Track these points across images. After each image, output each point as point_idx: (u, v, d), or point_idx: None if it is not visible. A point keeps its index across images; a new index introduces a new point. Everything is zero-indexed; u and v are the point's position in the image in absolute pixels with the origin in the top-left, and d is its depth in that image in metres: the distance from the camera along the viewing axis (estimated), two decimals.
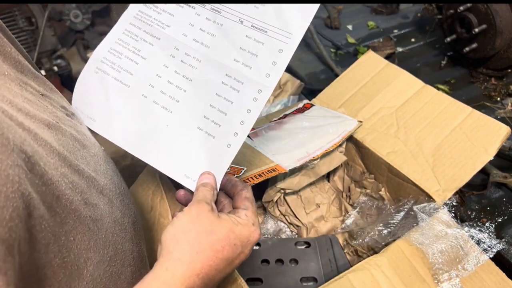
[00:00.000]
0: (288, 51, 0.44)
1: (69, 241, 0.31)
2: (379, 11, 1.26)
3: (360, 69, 0.78)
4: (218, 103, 0.45)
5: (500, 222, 0.65)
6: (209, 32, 0.47)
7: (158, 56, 0.49)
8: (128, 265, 0.40)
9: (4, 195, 0.23)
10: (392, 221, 0.59)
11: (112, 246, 0.38)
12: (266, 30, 0.45)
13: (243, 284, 0.45)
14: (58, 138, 0.34)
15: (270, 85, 0.44)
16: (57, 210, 0.30)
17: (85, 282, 0.33)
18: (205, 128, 0.45)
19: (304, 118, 0.72)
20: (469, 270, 0.50)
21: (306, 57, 1.08)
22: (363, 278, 0.48)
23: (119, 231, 0.40)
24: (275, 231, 0.67)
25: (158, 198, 0.58)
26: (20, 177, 0.25)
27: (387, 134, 0.68)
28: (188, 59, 0.48)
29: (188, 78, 0.47)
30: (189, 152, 0.45)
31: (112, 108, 0.49)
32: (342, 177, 0.73)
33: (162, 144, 0.46)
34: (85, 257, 0.33)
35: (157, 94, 0.47)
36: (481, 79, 0.97)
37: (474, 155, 0.61)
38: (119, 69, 0.50)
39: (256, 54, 0.45)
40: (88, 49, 2.36)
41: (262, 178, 0.57)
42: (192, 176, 0.44)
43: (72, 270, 0.32)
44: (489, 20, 0.87)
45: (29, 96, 0.35)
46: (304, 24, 0.45)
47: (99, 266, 0.35)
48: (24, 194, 0.25)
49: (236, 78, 0.45)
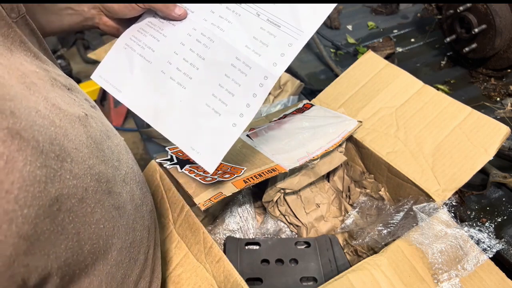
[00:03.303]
0: (296, 46, 0.48)
1: (99, 228, 0.33)
2: (379, 11, 1.26)
3: (360, 69, 0.78)
4: (227, 84, 0.49)
5: (500, 222, 0.65)
6: (227, 19, 0.52)
7: (176, 35, 0.53)
8: (143, 252, 0.42)
9: (31, 195, 0.25)
10: (392, 221, 0.59)
11: (132, 233, 0.39)
12: (280, 25, 0.50)
13: (243, 284, 0.45)
14: (87, 130, 0.35)
15: (276, 73, 0.48)
16: (87, 201, 0.32)
17: (109, 266, 0.35)
18: (213, 106, 0.49)
19: (304, 118, 0.72)
20: (469, 270, 0.50)
21: (306, 57, 1.08)
22: (363, 278, 0.48)
23: (138, 219, 0.42)
24: (275, 231, 0.67)
25: (158, 198, 0.58)
26: (47, 177, 0.26)
27: (387, 134, 0.68)
28: (203, 38, 0.52)
29: (201, 57, 0.51)
30: (196, 127, 0.49)
31: (135, 82, 0.54)
32: (342, 177, 0.73)
33: (174, 117, 0.51)
34: (110, 242, 0.35)
35: (173, 70, 0.52)
36: (480, 79, 0.97)
37: (473, 155, 0.61)
38: (144, 46, 0.54)
39: (267, 44, 0.49)
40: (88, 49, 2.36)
41: (262, 178, 0.57)
42: (197, 148, 0.49)
43: (99, 255, 0.34)
44: (488, 20, 0.87)
45: (59, 91, 0.37)
46: (316, 24, 0.49)
47: (121, 252, 0.37)
48: (51, 192, 0.27)
49: (245, 62, 0.49)
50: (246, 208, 0.68)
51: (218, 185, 0.55)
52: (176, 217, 0.55)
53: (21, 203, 0.24)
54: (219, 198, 0.53)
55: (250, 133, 0.70)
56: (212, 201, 0.52)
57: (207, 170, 0.48)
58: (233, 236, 0.63)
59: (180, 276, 0.50)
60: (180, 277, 0.50)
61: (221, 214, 0.68)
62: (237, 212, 0.67)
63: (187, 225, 0.53)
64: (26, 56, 0.37)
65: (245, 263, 0.58)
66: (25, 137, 0.25)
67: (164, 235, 0.55)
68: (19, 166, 0.24)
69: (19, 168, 0.24)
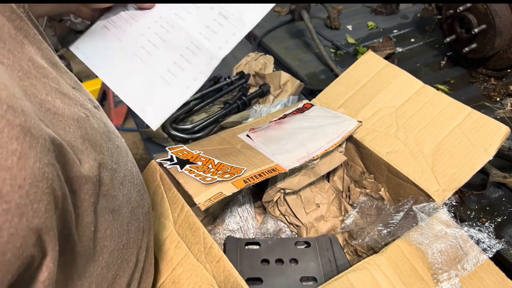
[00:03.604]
0: (238, 35, 0.60)
1: (90, 231, 0.34)
2: (378, 12, 1.26)
3: (359, 69, 0.78)
4: (180, 62, 0.61)
5: (500, 222, 0.65)
6: (187, 10, 0.64)
7: (145, 21, 0.66)
8: (136, 254, 0.43)
9: (41, 191, 0.26)
10: (392, 221, 0.59)
11: (125, 235, 0.40)
12: (228, 17, 0.62)
13: (243, 284, 0.45)
14: (86, 132, 0.36)
15: (219, 56, 0.60)
16: (77, 204, 0.33)
17: (100, 268, 0.36)
18: (166, 78, 0.61)
19: (304, 118, 0.72)
20: (469, 269, 0.50)
21: (306, 57, 1.08)
22: (362, 277, 0.48)
23: (134, 221, 0.42)
24: (275, 231, 0.67)
25: (159, 198, 0.58)
26: (53, 175, 0.28)
27: (387, 134, 0.68)
28: (166, 25, 0.64)
29: (162, 39, 0.63)
30: (149, 93, 0.60)
31: (106, 55, 0.65)
32: (342, 177, 0.73)
33: (133, 85, 0.62)
34: (101, 245, 0.36)
35: (138, 48, 0.63)
36: (480, 79, 0.97)
37: (473, 155, 0.61)
38: (118, 27, 0.66)
39: (216, 32, 0.61)
40: None
41: (262, 178, 0.57)
42: (146, 110, 0.59)
43: (89, 256, 0.34)
44: (488, 20, 0.87)
45: (64, 90, 0.37)
46: (256, 19, 0.61)
47: (113, 254, 0.38)
48: (56, 190, 0.28)
49: (197, 45, 0.61)
50: (246, 208, 0.68)
51: (218, 185, 0.55)
52: (176, 217, 0.55)
53: (32, 198, 0.25)
54: (219, 198, 0.53)
55: (250, 133, 0.70)
56: (212, 201, 0.53)
57: (151, 127, 0.58)
58: (233, 236, 0.63)
59: (180, 276, 0.50)
60: (180, 277, 0.50)
61: (221, 214, 0.68)
62: (237, 212, 0.67)
63: (187, 225, 0.53)
64: (38, 50, 0.37)
65: (245, 263, 0.58)
66: (35, 135, 0.26)
67: (164, 235, 0.55)
68: (31, 163, 0.25)
69: (30, 165, 0.25)
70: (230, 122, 0.84)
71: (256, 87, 0.94)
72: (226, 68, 1.04)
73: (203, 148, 0.65)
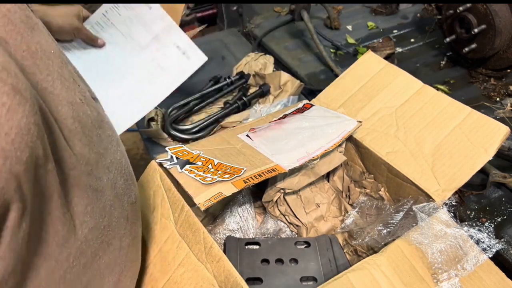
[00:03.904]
0: None
1: (68, 201, 0.36)
2: (378, 12, 1.26)
3: (359, 70, 0.78)
4: None
5: (500, 222, 0.65)
6: None
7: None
8: (118, 238, 0.45)
9: (25, 142, 0.28)
10: (392, 221, 0.59)
11: (108, 217, 0.42)
12: None
13: (243, 284, 0.45)
14: (78, 115, 0.38)
15: None
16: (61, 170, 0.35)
17: (79, 242, 0.38)
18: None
19: (303, 118, 0.72)
20: (468, 269, 0.50)
21: (306, 57, 1.08)
22: (362, 277, 0.48)
23: (117, 207, 0.44)
24: (275, 231, 0.67)
25: (160, 199, 0.58)
26: (38, 134, 0.30)
27: (387, 134, 0.68)
28: None
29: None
30: None
31: None
32: (342, 177, 0.73)
33: None
34: (81, 219, 0.37)
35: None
36: (480, 79, 0.97)
37: (473, 155, 0.61)
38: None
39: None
40: None
41: (262, 178, 0.57)
42: None
43: (69, 227, 0.36)
44: (488, 20, 0.87)
45: (66, 75, 0.39)
46: None
47: (93, 232, 0.39)
48: (39, 147, 0.30)
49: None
50: (246, 208, 0.68)
51: (218, 185, 0.55)
52: (177, 217, 0.55)
53: (16, 146, 0.28)
54: (219, 198, 0.53)
55: (250, 133, 0.70)
56: (212, 201, 0.53)
57: None
58: (233, 236, 0.63)
59: (182, 276, 0.50)
60: (182, 277, 0.50)
61: (221, 214, 0.68)
62: (237, 212, 0.67)
63: (187, 225, 0.53)
64: (48, 37, 0.39)
65: (245, 263, 0.58)
66: (25, 96, 0.29)
67: (165, 235, 0.55)
68: (18, 117, 0.28)
69: (18, 118, 0.28)
70: (230, 122, 0.84)
71: (256, 87, 0.94)
72: (226, 68, 1.04)
73: (203, 148, 0.66)
